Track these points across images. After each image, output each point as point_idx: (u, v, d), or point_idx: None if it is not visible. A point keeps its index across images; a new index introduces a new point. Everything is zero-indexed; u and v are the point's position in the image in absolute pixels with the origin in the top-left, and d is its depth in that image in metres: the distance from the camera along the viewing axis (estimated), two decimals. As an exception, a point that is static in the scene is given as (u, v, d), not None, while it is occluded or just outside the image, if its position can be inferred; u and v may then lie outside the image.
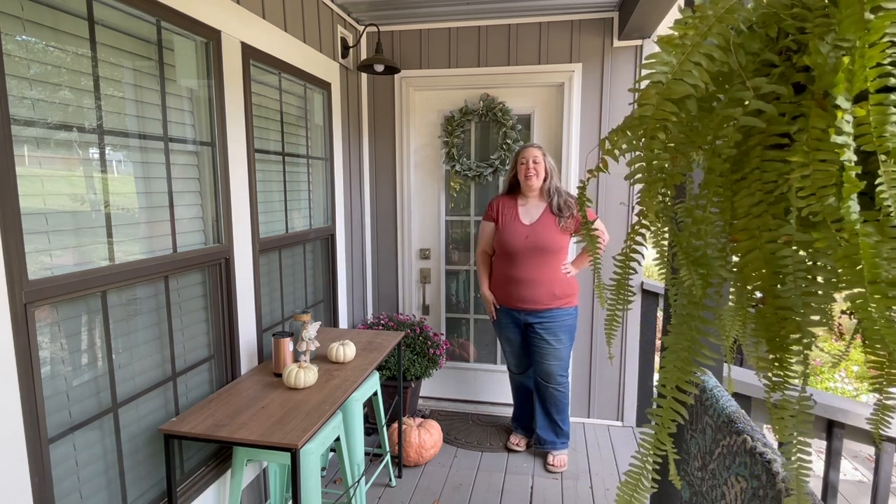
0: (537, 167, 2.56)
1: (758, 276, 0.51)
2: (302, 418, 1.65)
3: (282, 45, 2.28)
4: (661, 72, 0.51)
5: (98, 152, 1.46)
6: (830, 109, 0.44)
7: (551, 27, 3.03)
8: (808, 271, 0.48)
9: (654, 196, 0.55)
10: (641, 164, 0.55)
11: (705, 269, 0.56)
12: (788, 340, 0.50)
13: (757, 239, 0.50)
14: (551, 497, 2.53)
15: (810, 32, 0.46)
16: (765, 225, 0.49)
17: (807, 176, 0.45)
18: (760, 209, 0.50)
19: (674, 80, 0.50)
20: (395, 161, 3.36)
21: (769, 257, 0.49)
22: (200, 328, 1.91)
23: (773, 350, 0.52)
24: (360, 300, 3.37)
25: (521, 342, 2.78)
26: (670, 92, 0.50)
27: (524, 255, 2.59)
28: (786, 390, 0.53)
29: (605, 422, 3.26)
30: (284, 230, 2.46)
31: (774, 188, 0.49)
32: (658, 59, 0.51)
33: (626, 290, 0.75)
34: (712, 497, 1.23)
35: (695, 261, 0.57)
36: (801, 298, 0.48)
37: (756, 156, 0.50)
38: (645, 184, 0.55)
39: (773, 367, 0.53)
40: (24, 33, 1.24)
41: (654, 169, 0.54)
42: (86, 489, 1.44)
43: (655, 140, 0.52)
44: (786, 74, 0.49)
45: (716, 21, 0.49)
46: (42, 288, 1.26)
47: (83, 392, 1.44)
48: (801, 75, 0.48)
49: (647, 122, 0.52)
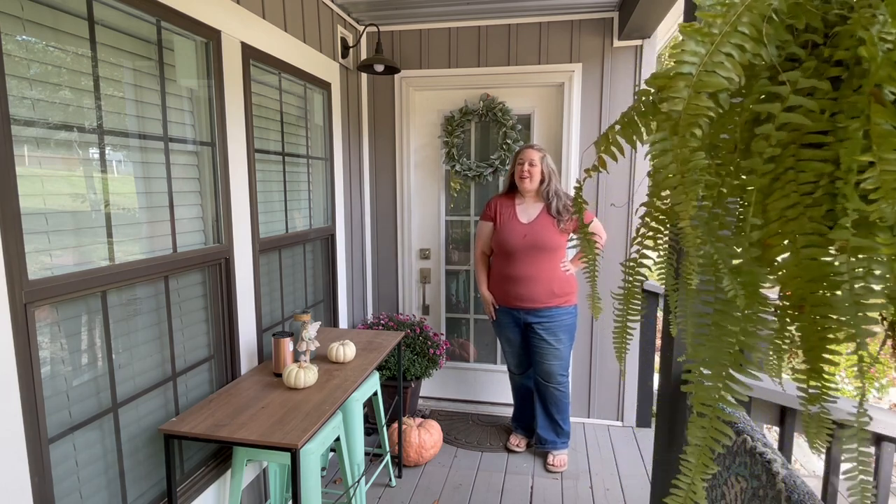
0: (532, 170, 2.56)
1: (794, 283, 0.47)
2: (302, 418, 1.65)
3: (282, 45, 2.28)
4: (690, 62, 0.46)
5: (98, 152, 1.46)
6: (889, 105, 0.41)
7: (551, 27, 3.03)
8: (862, 279, 0.44)
9: (692, 200, 0.49)
10: (671, 164, 0.50)
11: (748, 277, 0.51)
12: (828, 350, 0.47)
13: (793, 243, 0.47)
14: (551, 497, 2.53)
15: (852, 24, 0.43)
16: (801, 228, 0.46)
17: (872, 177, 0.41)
18: (796, 212, 0.46)
19: (705, 72, 0.46)
20: (395, 161, 3.36)
21: (808, 263, 0.46)
22: (200, 328, 1.91)
23: (811, 360, 0.48)
24: (360, 300, 3.37)
25: (522, 342, 2.78)
26: (704, 85, 0.46)
27: (522, 253, 2.59)
28: (825, 402, 0.49)
29: (605, 422, 3.26)
30: (284, 230, 2.46)
31: (812, 189, 0.46)
32: (688, 50, 0.46)
33: (635, 299, 0.72)
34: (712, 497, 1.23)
35: (735, 269, 0.52)
36: (854, 308, 0.44)
37: (790, 155, 0.46)
38: (679, 186, 0.49)
39: (810, 379, 0.49)
40: (24, 33, 1.24)
41: (691, 170, 0.49)
42: (86, 489, 1.44)
43: (692, 137, 0.48)
44: (818, 69, 0.46)
45: (745, 9, 0.46)
46: (42, 288, 1.26)
47: (83, 392, 1.44)
48: (836, 69, 0.45)
49: (682, 117, 0.47)
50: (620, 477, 2.70)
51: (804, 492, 0.91)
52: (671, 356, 1.48)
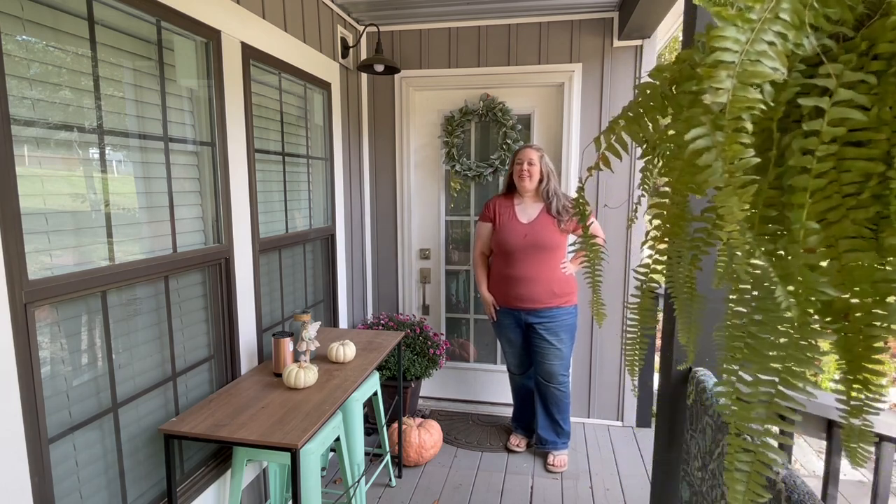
0: (531, 169, 2.56)
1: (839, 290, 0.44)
2: (302, 418, 1.65)
3: (282, 45, 2.28)
4: (732, 50, 0.42)
5: (98, 152, 1.46)
6: None
7: (551, 27, 3.03)
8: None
9: (745, 202, 0.44)
10: (717, 162, 0.45)
11: (802, 286, 0.46)
12: (874, 360, 0.44)
13: (834, 248, 0.44)
14: (551, 497, 2.53)
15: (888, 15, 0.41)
16: (842, 232, 0.43)
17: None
18: (838, 214, 0.43)
19: (749, 61, 0.42)
20: (395, 161, 3.36)
21: (854, 269, 0.43)
22: (200, 328, 1.91)
23: (853, 371, 0.45)
24: (360, 300, 3.37)
25: (523, 343, 2.78)
26: (750, 75, 0.42)
27: (522, 253, 2.59)
28: (868, 414, 0.47)
29: (605, 422, 3.26)
30: (284, 230, 2.46)
31: (857, 190, 0.43)
32: (729, 36, 0.42)
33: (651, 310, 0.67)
34: (712, 497, 1.23)
35: (786, 277, 0.47)
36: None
37: (831, 153, 0.44)
38: (728, 186, 0.44)
39: (853, 390, 0.46)
40: (24, 33, 1.24)
41: (741, 168, 0.44)
42: (86, 489, 1.44)
43: (741, 133, 0.43)
44: (859, 63, 0.44)
45: None
46: (42, 288, 1.26)
47: (83, 392, 1.44)
48: (877, 63, 0.43)
49: (729, 110, 0.43)
50: (620, 477, 2.70)
51: (804, 492, 0.91)
52: (671, 356, 1.48)
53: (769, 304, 0.49)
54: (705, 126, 0.45)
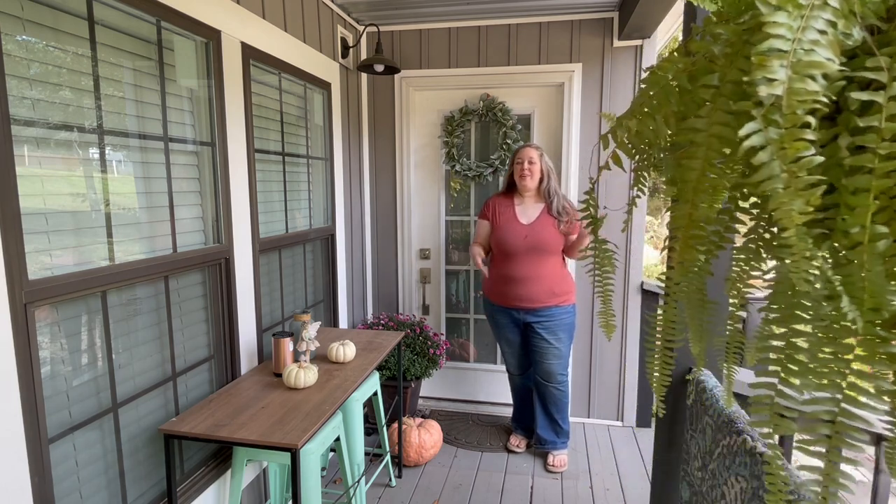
0: (532, 168, 2.56)
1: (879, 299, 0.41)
2: (302, 418, 1.65)
3: (282, 45, 2.28)
4: (785, 38, 0.39)
5: (98, 152, 1.46)
6: None
7: (551, 27, 3.03)
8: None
9: (811, 205, 0.40)
10: (774, 161, 0.41)
11: (875, 295, 0.42)
12: None
13: None
14: (551, 497, 2.53)
15: None
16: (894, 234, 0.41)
17: None
18: (886, 216, 0.41)
19: (803, 50, 0.39)
20: (395, 161, 3.36)
21: None
22: (200, 328, 1.91)
23: None
24: (360, 300, 3.37)
25: (521, 342, 2.78)
26: (806, 66, 0.39)
27: (523, 254, 2.59)
28: None
29: (605, 422, 3.26)
30: (284, 230, 2.46)
31: None
32: (780, 22, 0.39)
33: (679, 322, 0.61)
34: (712, 497, 1.23)
35: (850, 284, 0.44)
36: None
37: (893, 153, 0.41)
38: (790, 188, 0.41)
39: None
40: (24, 33, 1.24)
41: (802, 168, 0.40)
42: (86, 489, 1.44)
43: (804, 129, 0.39)
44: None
45: None
46: (42, 288, 1.26)
47: (83, 392, 1.44)
48: None
49: (786, 104, 0.39)
50: (620, 477, 2.70)
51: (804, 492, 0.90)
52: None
53: (831, 315, 0.45)
54: (757, 121, 0.41)
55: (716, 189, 0.50)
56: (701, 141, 0.48)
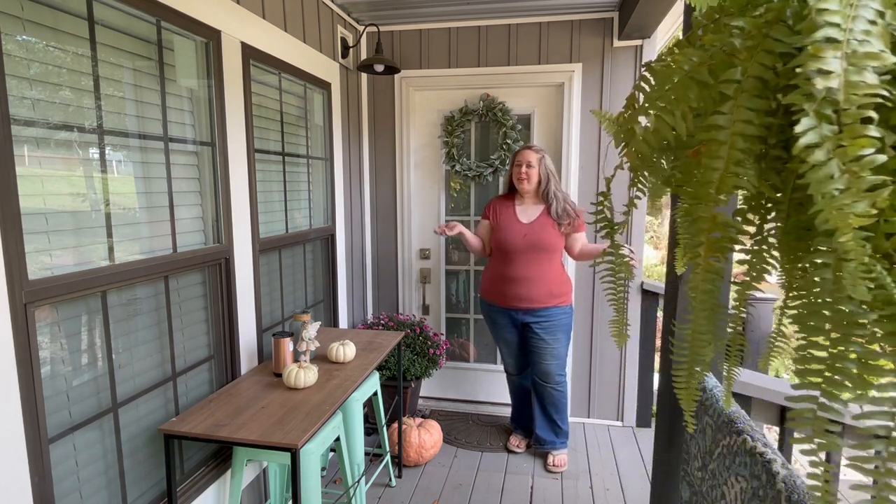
0: (530, 171, 2.56)
1: None
2: (302, 418, 1.65)
3: (282, 45, 2.28)
4: (839, 27, 0.36)
5: (98, 152, 1.46)
6: None
7: (551, 27, 3.03)
8: None
9: (874, 207, 0.37)
10: (832, 160, 0.37)
11: None
12: None
13: None
14: (551, 497, 2.53)
15: None
16: None
17: None
18: None
19: (857, 41, 0.36)
20: (395, 161, 3.36)
21: None
22: (200, 328, 1.91)
23: None
24: (360, 300, 3.37)
25: (519, 343, 2.78)
26: (863, 58, 0.36)
27: (522, 253, 2.59)
28: None
29: (605, 422, 3.26)
30: (284, 230, 2.46)
31: None
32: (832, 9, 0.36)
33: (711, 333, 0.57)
34: (712, 497, 1.23)
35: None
36: None
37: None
38: (852, 188, 0.37)
39: None
40: (24, 33, 1.24)
41: (864, 168, 0.36)
42: (86, 489, 1.44)
43: (866, 125, 0.36)
44: None
45: None
46: (42, 288, 1.26)
47: (83, 392, 1.44)
48: None
49: (844, 98, 0.36)
50: (620, 477, 2.70)
51: (804, 492, 0.90)
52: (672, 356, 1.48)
53: (885, 324, 0.42)
54: (811, 117, 0.38)
55: (738, 189, 0.47)
56: (724, 139, 0.45)
